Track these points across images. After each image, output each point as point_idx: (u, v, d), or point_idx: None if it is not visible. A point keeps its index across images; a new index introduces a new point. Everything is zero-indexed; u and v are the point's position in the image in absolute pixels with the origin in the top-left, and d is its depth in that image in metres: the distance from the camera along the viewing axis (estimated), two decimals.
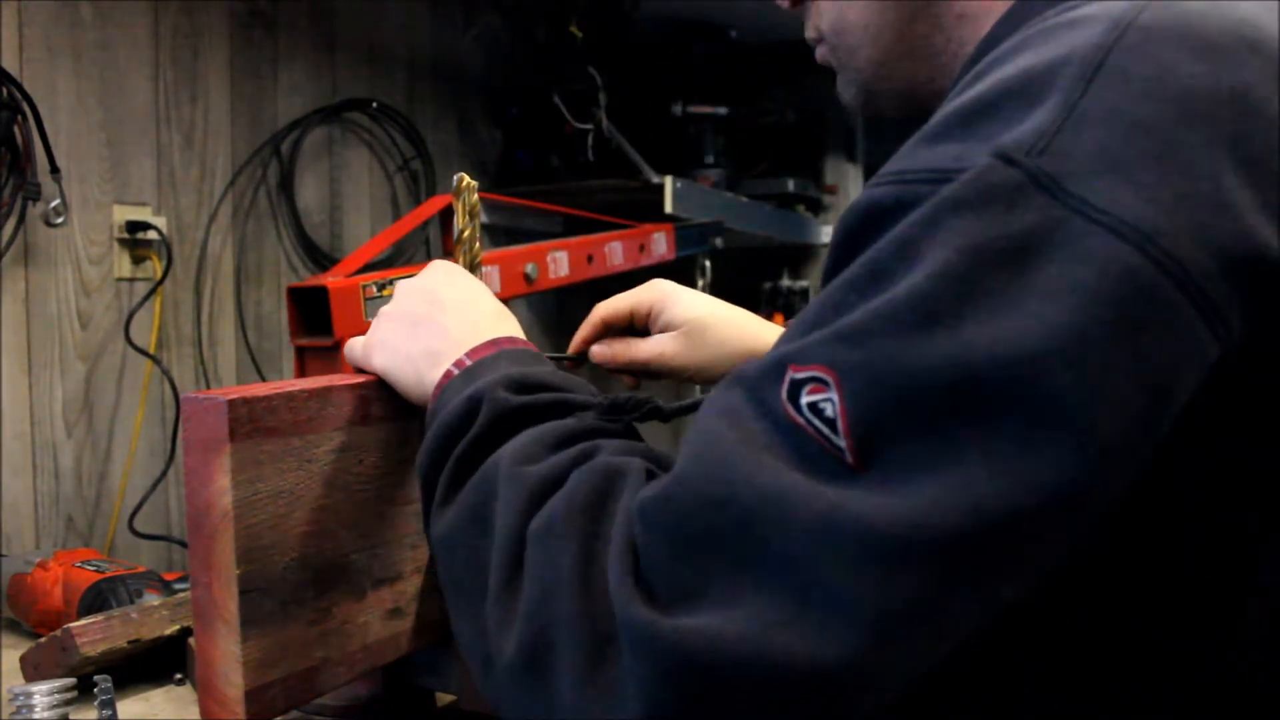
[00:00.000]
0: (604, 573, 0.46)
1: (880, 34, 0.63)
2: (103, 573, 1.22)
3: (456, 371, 0.65)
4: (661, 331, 0.88)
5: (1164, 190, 0.41)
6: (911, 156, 0.47)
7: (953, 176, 0.44)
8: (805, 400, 0.44)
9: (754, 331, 0.88)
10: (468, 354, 0.66)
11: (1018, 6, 0.56)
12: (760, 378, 0.47)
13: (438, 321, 0.70)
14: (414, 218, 2.07)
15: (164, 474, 1.84)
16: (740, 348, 0.86)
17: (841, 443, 0.43)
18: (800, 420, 0.44)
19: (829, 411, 0.43)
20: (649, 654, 0.43)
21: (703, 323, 0.86)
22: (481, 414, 0.58)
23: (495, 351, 0.66)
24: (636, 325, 0.90)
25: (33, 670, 1.03)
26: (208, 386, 1.99)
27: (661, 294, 0.88)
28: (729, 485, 0.44)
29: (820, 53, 0.70)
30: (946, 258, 0.42)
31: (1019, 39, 0.49)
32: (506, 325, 0.71)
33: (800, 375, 0.44)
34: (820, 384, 0.44)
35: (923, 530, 0.41)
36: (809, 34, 0.71)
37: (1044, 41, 0.47)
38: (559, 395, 0.60)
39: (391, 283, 1.72)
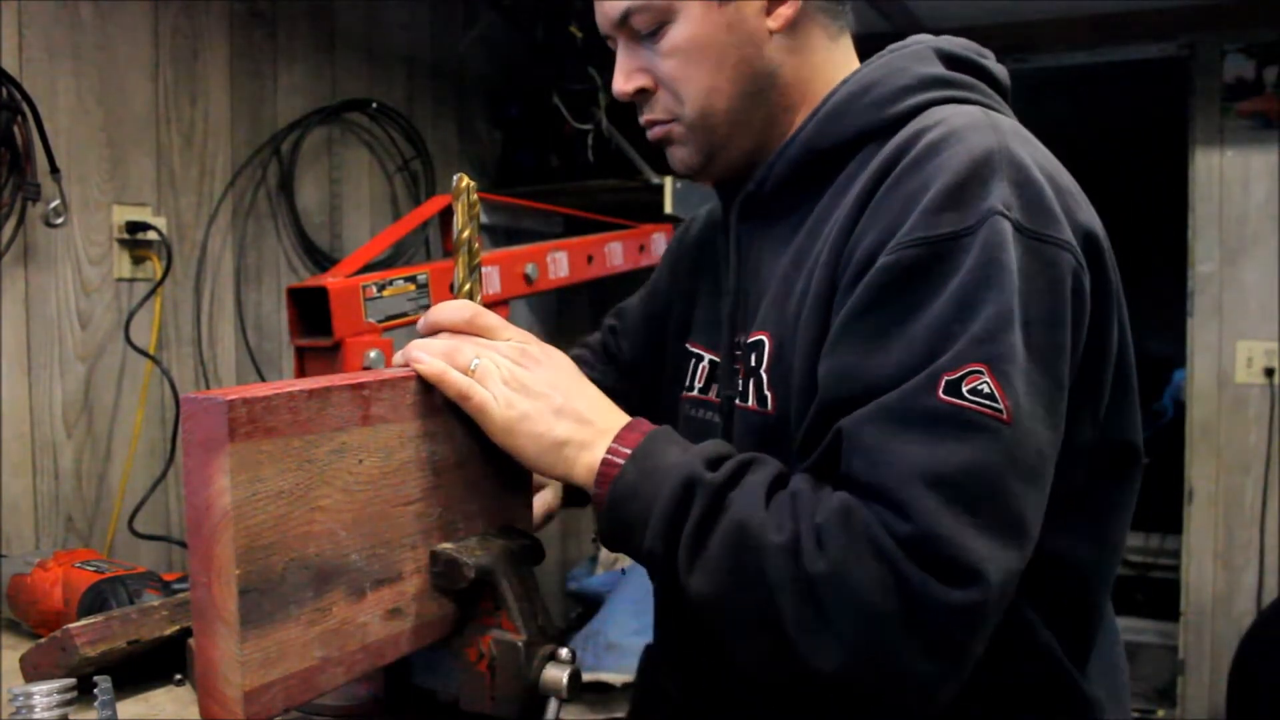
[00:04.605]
0: (899, 581, 0.67)
1: (736, 118, 0.90)
2: (102, 573, 1.22)
3: (620, 461, 0.78)
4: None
5: (1065, 218, 0.78)
6: (922, 227, 0.74)
7: (969, 231, 0.73)
8: (967, 388, 0.70)
9: None
10: (617, 441, 0.79)
11: (826, 114, 0.88)
12: (907, 399, 0.70)
13: (572, 408, 0.80)
14: (414, 218, 2.07)
15: (164, 474, 1.84)
16: None
17: (1001, 405, 0.70)
18: (964, 402, 0.69)
19: (986, 390, 0.70)
20: (958, 615, 0.67)
21: (526, 334, 1.02)
22: (699, 494, 0.75)
23: (644, 437, 0.79)
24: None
25: (32, 670, 1.03)
26: (207, 386, 1.99)
27: (498, 315, 1.00)
28: (951, 479, 0.68)
29: (662, 130, 0.93)
30: (1005, 285, 0.72)
31: (923, 143, 0.78)
32: (610, 404, 0.83)
33: (955, 375, 0.70)
34: (976, 374, 0.70)
35: (1049, 447, 0.74)
36: (648, 115, 0.93)
37: (959, 142, 0.77)
38: (736, 460, 0.77)
39: (392, 283, 1.72)
